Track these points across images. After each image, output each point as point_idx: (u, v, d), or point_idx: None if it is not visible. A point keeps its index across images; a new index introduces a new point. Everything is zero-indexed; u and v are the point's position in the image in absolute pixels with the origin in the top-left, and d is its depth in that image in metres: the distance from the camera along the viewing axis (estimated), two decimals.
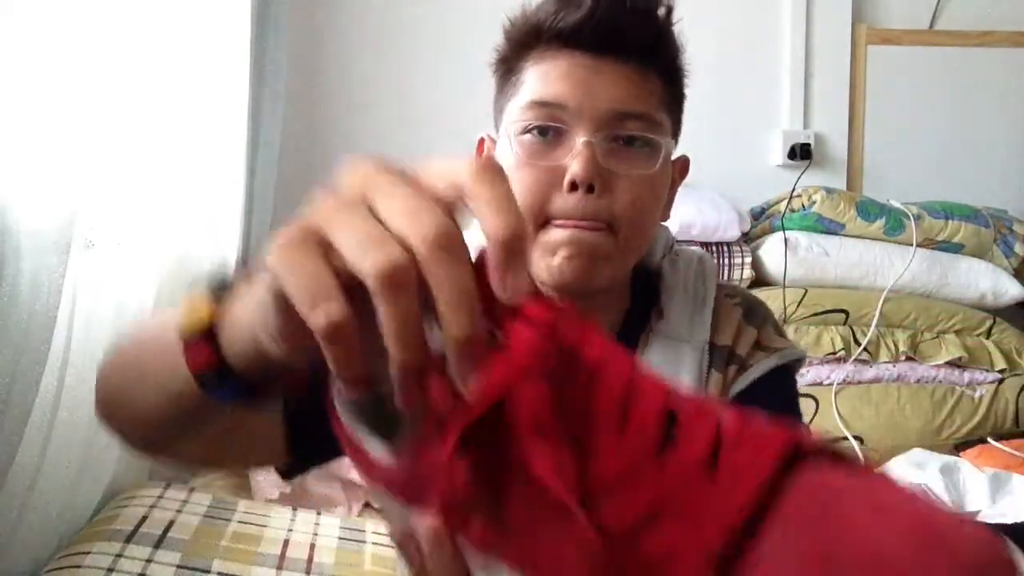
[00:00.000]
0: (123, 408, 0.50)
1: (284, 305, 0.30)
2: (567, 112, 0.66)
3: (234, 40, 1.69)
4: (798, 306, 1.92)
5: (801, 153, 2.25)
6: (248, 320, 0.36)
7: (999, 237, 2.09)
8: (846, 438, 1.84)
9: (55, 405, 1.06)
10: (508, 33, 0.71)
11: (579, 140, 0.65)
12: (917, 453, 1.74)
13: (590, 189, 0.64)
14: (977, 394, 1.93)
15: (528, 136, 0.67)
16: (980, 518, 1.40)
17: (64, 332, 1.06)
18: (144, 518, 1.20)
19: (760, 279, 2.02)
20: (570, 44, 0.67)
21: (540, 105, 0.66)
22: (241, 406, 0.40)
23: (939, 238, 2.05)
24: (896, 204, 2.08)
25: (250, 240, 1.77)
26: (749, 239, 2.11)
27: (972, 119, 2.35)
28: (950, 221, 2.05)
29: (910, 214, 2.04)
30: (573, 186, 0.64)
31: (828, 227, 2.04)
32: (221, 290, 0.40)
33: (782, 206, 2.07)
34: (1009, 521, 1.30)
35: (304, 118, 2.12)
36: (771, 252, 2.01)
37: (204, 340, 0.38)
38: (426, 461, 0.30)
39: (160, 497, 1.28)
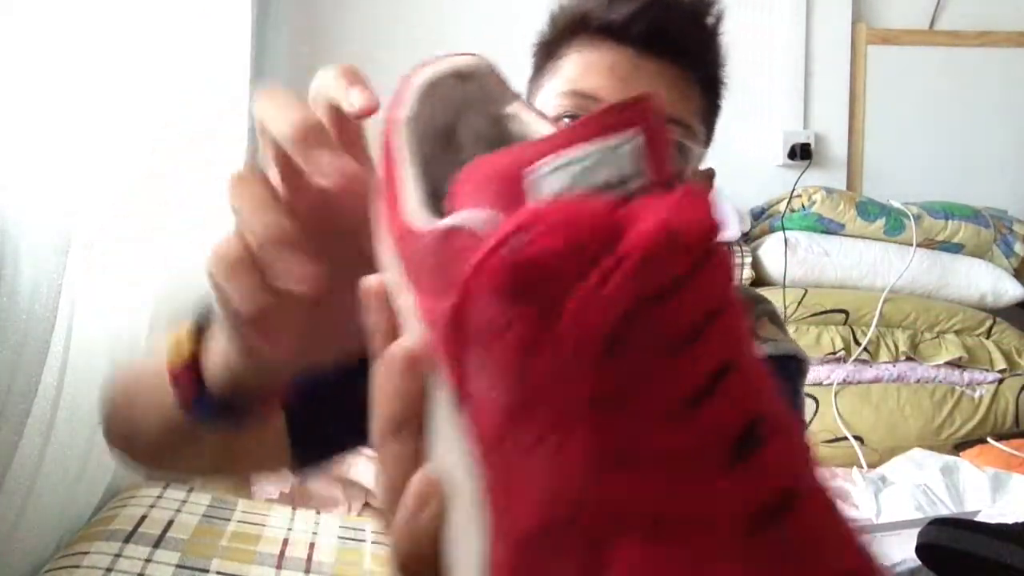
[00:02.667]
0: (126, 431, 0.51)
1: (234, 316, 0.34)
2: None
3: (234, 39, 1.68)
4: (798, 306, 1.92)
5: (801, 153, 2.25)
6: (218, 348, 0.39)
7: (999, 237, 2.09)
8: (846, 438, 1.84)
9: (54, 406, 1.06)
10: (555, 17, 0.70)
11: None
12: (917, 453, 1.74)
13: None
14: (977, 394, 1.93)
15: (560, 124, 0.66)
16: (980, 518, 1.40)
17: (63, 333, 1.06)
18: (143, 518, 1.20)
19: (760, 279, 2.02)
20: (616, 37, 0.66)
21: (577, 95, 0.66)
22: (229, 428, 0.42)
23: (939, 238, 2.05)
24: (896, 204, 2.08)
25: None
26: (749, 239, 2.11)
27: (972, 119, 2.35)
28: (950, 221, 2.05)
29: (910, 214, 2.04)
30: None
31: (828, 227, 2.04)
32: (206, 319, 0.42)
33: (782, 206, 2.07)
34: (1009, 521, 1.30)
35: None
36: (771, 252, 2.01)
37: (188, 370, 0.41)
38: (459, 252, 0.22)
39: (159, 497, 1.28)
